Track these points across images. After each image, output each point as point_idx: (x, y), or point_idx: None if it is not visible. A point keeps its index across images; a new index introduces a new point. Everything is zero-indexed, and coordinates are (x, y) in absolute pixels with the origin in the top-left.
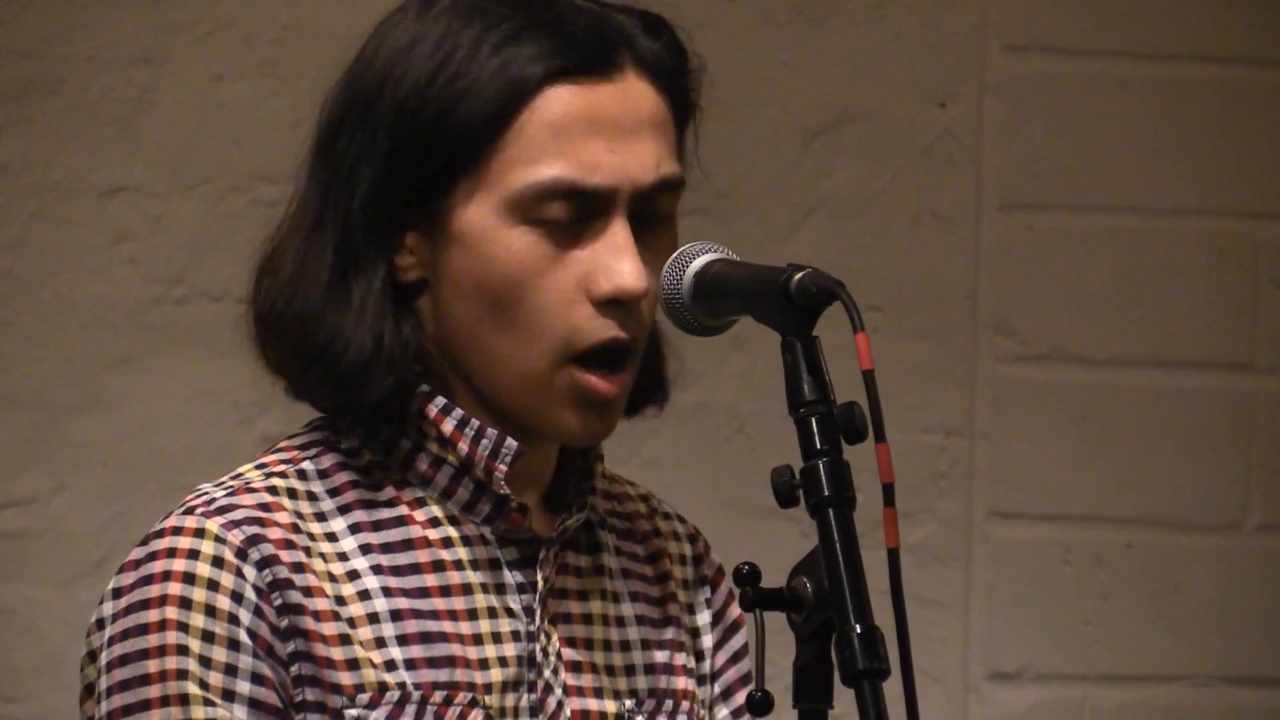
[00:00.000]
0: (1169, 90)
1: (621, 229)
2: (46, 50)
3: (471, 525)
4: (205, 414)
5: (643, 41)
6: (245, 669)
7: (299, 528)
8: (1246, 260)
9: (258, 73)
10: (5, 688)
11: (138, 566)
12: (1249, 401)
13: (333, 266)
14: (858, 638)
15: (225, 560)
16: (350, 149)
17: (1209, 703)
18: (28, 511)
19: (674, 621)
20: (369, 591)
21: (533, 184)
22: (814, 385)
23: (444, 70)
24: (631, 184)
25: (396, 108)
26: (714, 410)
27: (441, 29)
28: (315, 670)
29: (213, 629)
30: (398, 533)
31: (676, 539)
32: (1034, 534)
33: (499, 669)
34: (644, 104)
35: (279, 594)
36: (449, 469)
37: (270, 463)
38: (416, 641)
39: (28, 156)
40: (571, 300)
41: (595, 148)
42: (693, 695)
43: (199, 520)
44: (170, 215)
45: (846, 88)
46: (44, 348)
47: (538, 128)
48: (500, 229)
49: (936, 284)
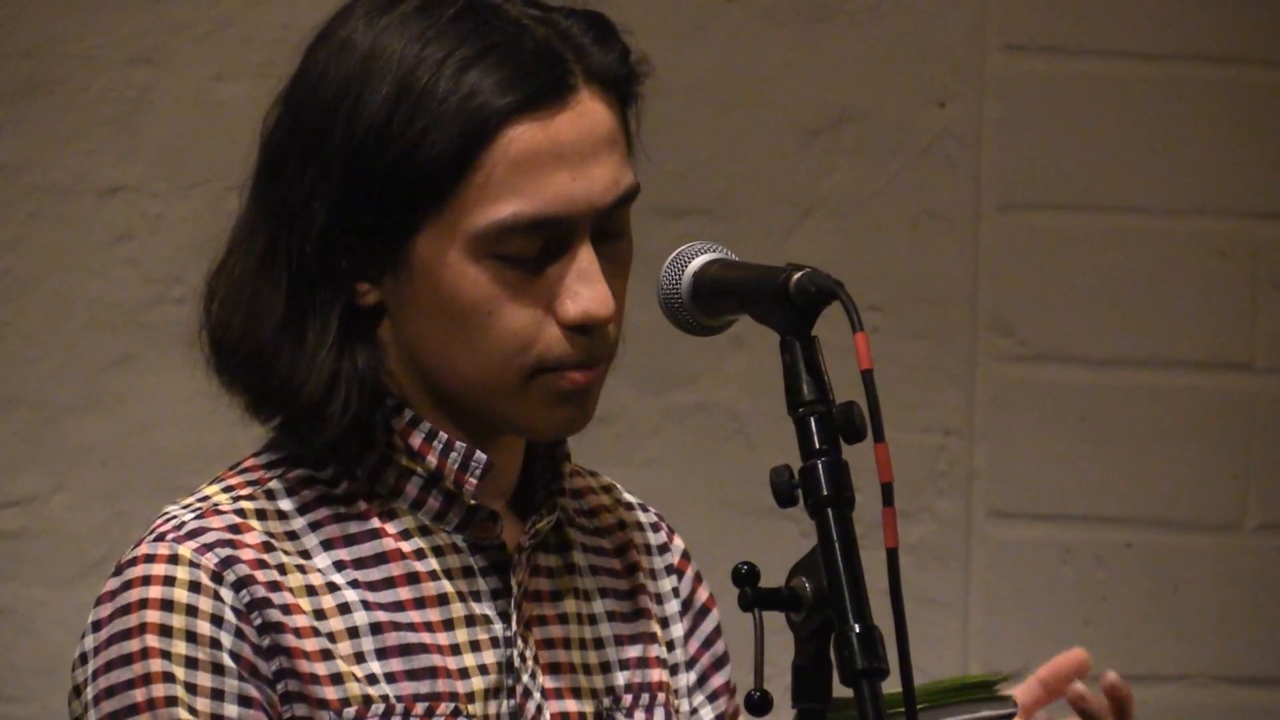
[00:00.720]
0: (1169, 90)
1: (587, 254)
2: (46, 50)
3: (443, 535)
4: (204, 413)
5: (594, 55)
6: (231, 692)
7: (271, 546)
8: (1245, 261)
9: (257, 73)
10: (4, 687)
11: (114, 597)
12: (1248, 402)
13: (286, 304)
14: (856, 637)
15: (202, 584)
16: (302, 181)
17: (1209, 702)
18: (27, 511)
19: (644, 614)
20: (348, 605)
21: (497, 222)
22: (813, 385)
23: (401, 107)
24: (591, 207)
25: (353, 146)
26: (713, 410)
27: (395, 51)
28: (301, 686)
29: (195, 654)
30: (370, 546)
31: (640, 529)
32: (1033, 534)
33: (479, 677)
34: (600, 125)
35: (258, 613)
36: (418, 480)
37: (237, 484)
38: (396, 654)
39: (27, 156)
40: (540, 324)
41: (558, 180)
42: (667, 686)
43: (170, 546)
44: (169, 215)
45: (846, 87)
46: (43, 347)
47: (499, 167)
48: (465, 264)
49: (936, 284)
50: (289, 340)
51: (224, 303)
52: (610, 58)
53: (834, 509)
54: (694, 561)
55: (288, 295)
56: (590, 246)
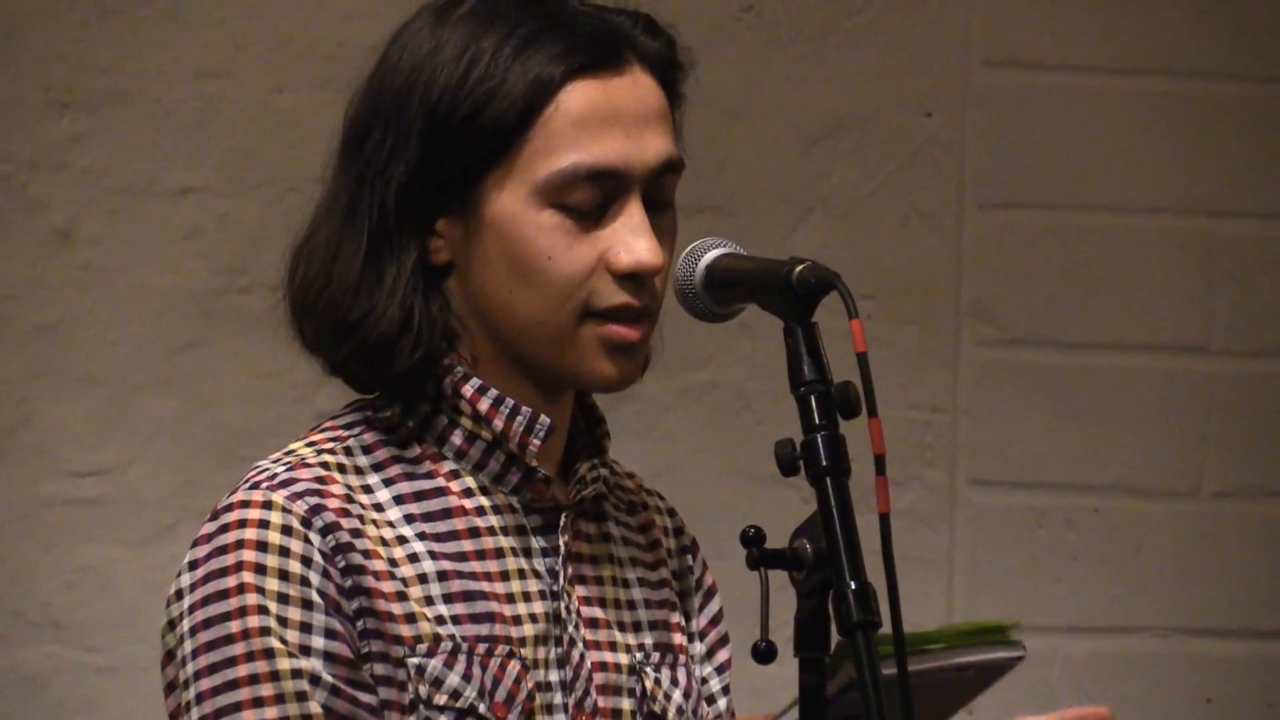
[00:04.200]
0: (1134, 101)
1: (638, 210)
2: (124, 66)
3: (501, 495)
4: (265, 392)
5: (644, 39)
6: (318, 625)
7: (351, 497)
8: (1203, 254)
9: (313, 85)
10: (87, 638)
11: (210, 539)
12: (1204, 381)
13: (366, 252)
14: (852, 593)
15: (293, 528)
16: (383, 145)
17: (1169, 651)
18: (105, 480)
19: (666, 584)
20: (416, 555)
21: (558, 171)
22: (813, 366)
23: (471, 73)
24: (644, 166)
25: (428, 108)
26: (723, 389)
27: (462, 35)
28: (378, 624)
29: (287, 591)
30: (437, 502)
31: (660, 513)
32: (1010, 500)
33: (530, 624)
34: (650, 96)
35: (341, 557)
36: (482, 443)
37: (319, 440)
38: (460, 600)
39: (107, 161)
40: (593, 270)
41: (613, 136)
42: (686, 650)
43: (265, 494)
44: (235, 213)
45: (842, 99)
46: (121, 332)
47: (561, 121)
48: (529, 212)
49: (923, 276)
50: (367, 282)
51: (308, 264)
52: (657, 44)
53: (832, 478)
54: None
55: (368, 245)
56: (641, 205)
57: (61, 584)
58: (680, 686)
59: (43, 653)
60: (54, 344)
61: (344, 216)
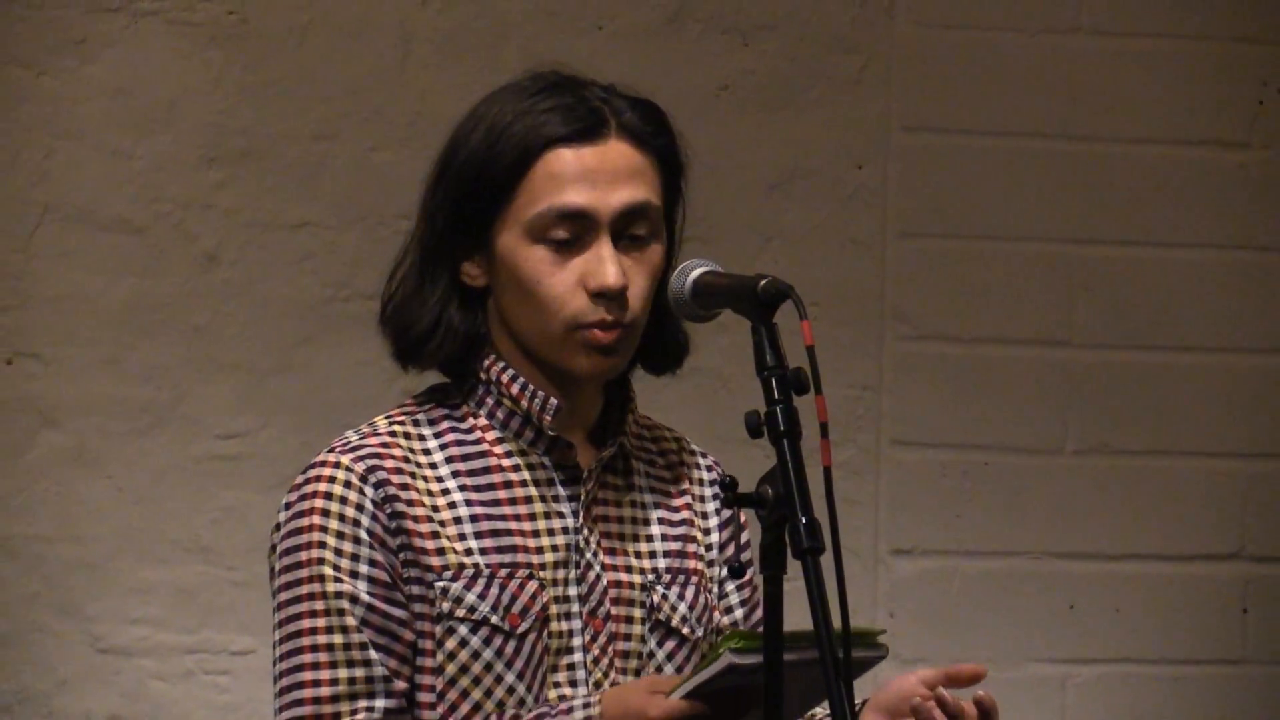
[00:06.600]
0: (1014, 157)
1: (606, 244)
2: (256, 130)
3: (534, 455)
4: (361, 376)
5: (627, 115)
6: (364, 557)
7: (409, 459)
8: (1065, 271)
9: (398, 145)
10: (228, 560)
11: (298, 489)
12: (1068, 366)
13: (417, 278)
14: (803, 526)
15: (351, 483)
16: (433, 201)
17: (1041, 570)
18: (243, 441)
19: (689, 523)
20: (455, 503)
21: (538, 213)
22: (773, 355)
23: (486, 141)
24: (609, 209)
25: (458, 170)
26: (707, 372)
27: (495, 109)
28: (415, 556)
29: (343, 530)
30: (481, 462)
31: (698, 468)
32: (921, 456)
33: (551, 552)
34: (621, 159)
35: (389, 505)
36: (517, 418)
37: (395, 414)
38: (488, 535)
39: (243, 202)
40: (574, 292)
41: (581, 187)
42: (701, 573)
43: (337, 456)
44: (340, 241)
45: (794, 155)
46: (254, 331)
47: (543, 177)
48: (523, 247)
49: (855, 288)
50: (416, 299)
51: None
52: (636, 117)
53: (788, 440)
54: None
55: (419, 273)
56: (609, 240)
57: (209, 520)
58: (686, 601)
59: (194, 570)
60: (203, 340)
61: (410, 254)
